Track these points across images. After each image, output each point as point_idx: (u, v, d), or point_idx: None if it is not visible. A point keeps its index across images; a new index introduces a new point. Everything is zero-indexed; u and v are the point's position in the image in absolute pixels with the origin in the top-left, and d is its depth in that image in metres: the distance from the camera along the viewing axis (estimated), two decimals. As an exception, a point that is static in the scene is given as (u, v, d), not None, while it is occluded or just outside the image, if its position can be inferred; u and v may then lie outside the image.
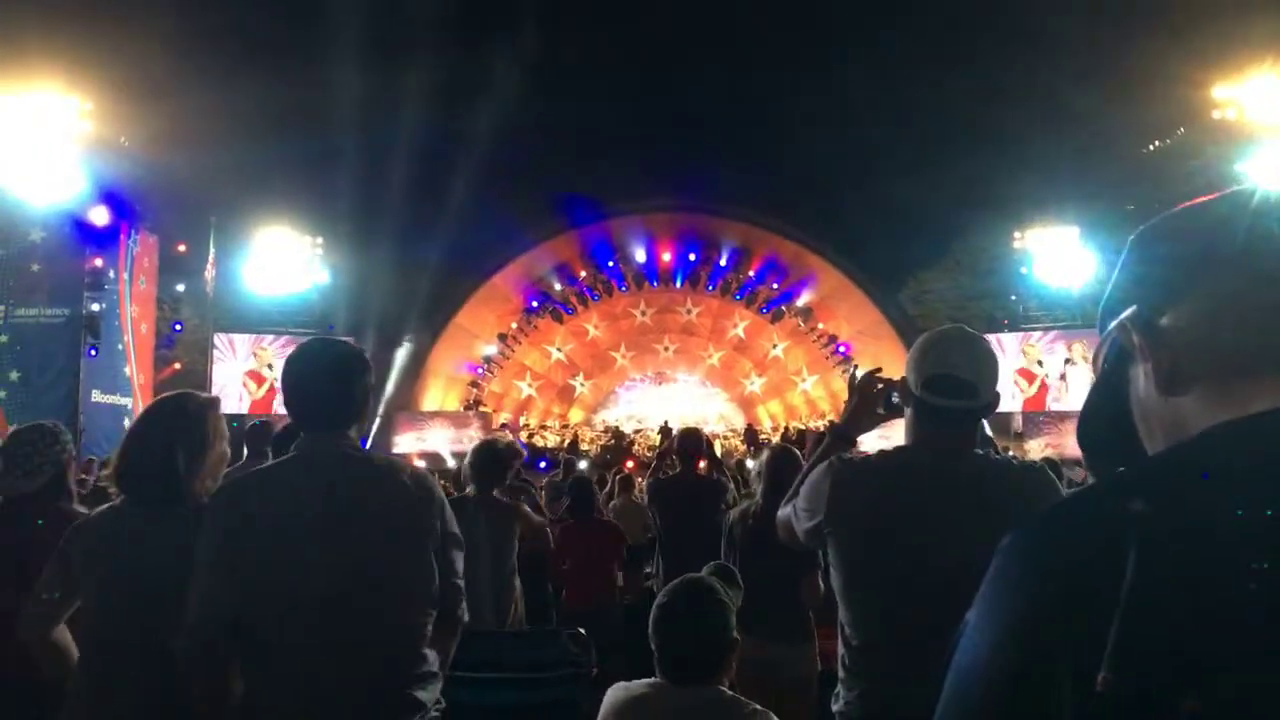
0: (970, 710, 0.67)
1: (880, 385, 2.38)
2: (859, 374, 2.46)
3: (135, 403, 14.19)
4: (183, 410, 2.53)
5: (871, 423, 2.40)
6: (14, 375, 12.96)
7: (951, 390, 2.12)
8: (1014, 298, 19.74)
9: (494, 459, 4.47)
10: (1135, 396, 0.83)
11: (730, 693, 2.15)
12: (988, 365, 2.18)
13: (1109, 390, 0.87)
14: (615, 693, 2.19)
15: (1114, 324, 0.84)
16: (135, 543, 2.37)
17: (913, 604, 2.00)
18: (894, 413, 2.34)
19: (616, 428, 22.86)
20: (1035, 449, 16.79)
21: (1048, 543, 0.71)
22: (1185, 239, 0.82)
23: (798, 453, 4.34)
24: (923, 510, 2.06)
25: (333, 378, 2.30)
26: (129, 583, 2.33)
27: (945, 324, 2.42)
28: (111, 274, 14.32)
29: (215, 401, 2.66)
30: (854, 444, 2.42)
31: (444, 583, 2.27)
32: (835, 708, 2.19)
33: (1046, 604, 0.65)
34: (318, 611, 2.07)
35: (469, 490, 4.47)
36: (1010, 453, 11.18)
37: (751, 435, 21.27)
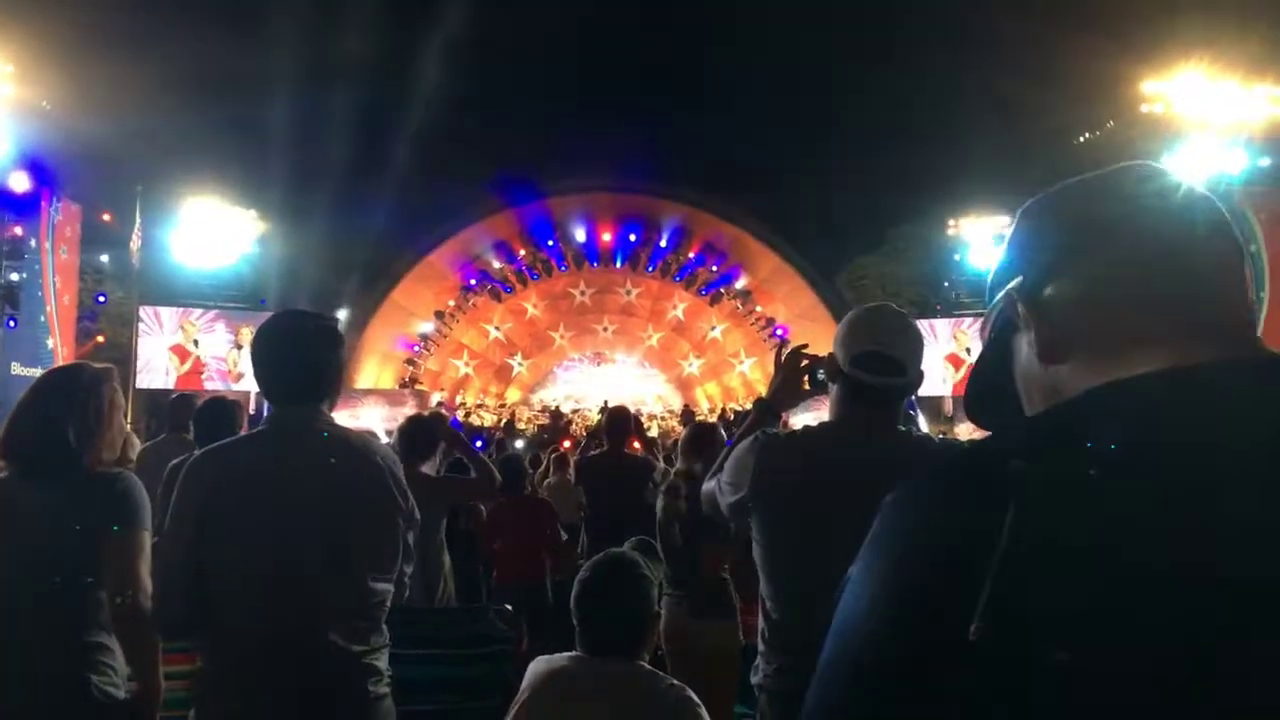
0: (849, 662, 0.69)
1: (806, 361, 2.41)
2: (786, 350, 2.48)
3: (56, 376, 13.73)
4: (75, 381, 2.48)
5: (797, 399, 2.43)
6: (-74, 346, 12.48)
7: (880, 367, 2.14)
8: (947, 284, 20.12)
9: (420, 433, 4.42)
10: (1018, 365, 0.86)
11: (649, 667, 2.17)
12: (915, 343, 2.21)
13: (995, 360, 0.90)
14: (537, 665, 2.21)
15: (1000, 295, 0.87)
16: (20, 512, 2.32)
17: (832, 580, 2.04)
18: (819, 389, 2.36)
19: (555, 408, 22.81)
20: (964, 432, 17.16)
21: (927, 498, 0.74)
22: (1071, 211, 0.84)
23: (719, 429, 4.38)
24: (844, 486, 2.08)
25: (304, 351, 2.30)
26: (15, 551, 2.29)
27: None
28: (32, 243, 13.80)
29: (110, 372, 2.60)
30: (780, 419, 2.45)
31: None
32: (754, 680, 2.23)
33: (925, 556, 0.67)
34: (280, 576, 2.12)
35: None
36: (941, 434, 11.41)
37: (689, 416, 21.33)
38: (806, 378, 2.39)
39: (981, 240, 19.10)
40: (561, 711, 2.10)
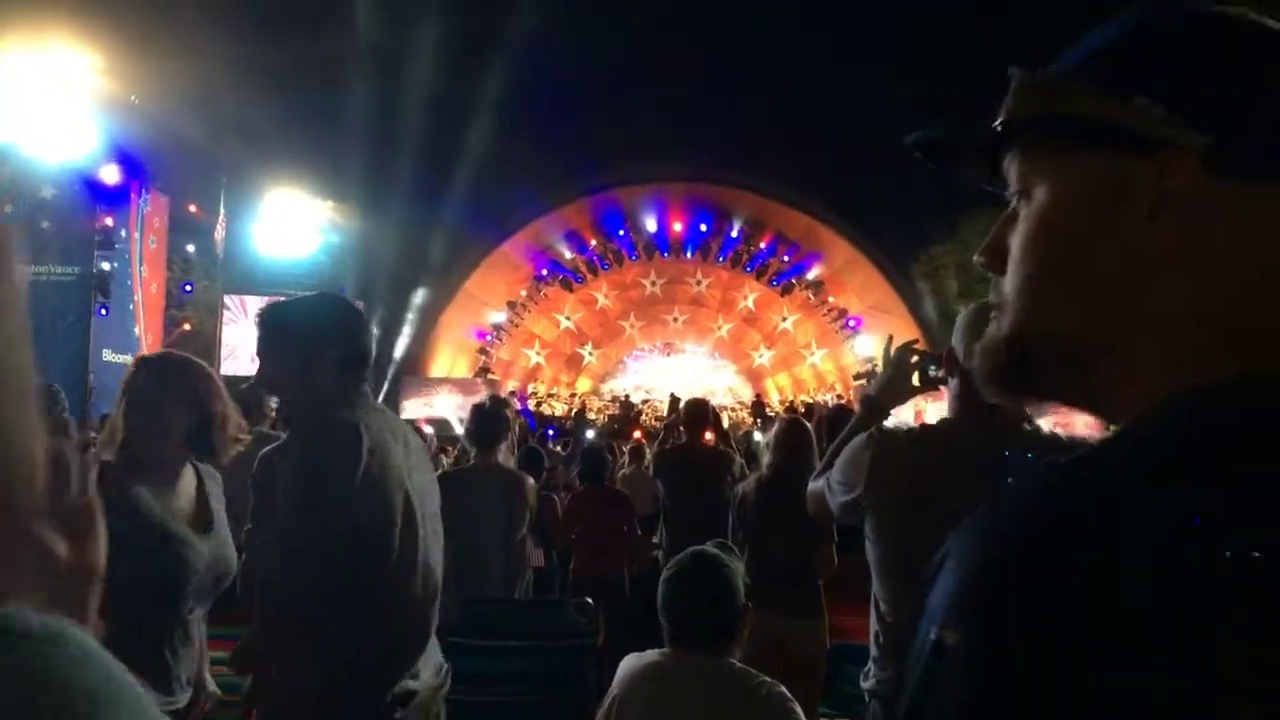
0: None
1: (917, 357, 2.31)
2: (894, 345, 2.39)
3: (144, 362, 14.19)
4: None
5: (906, 395, 2.34)
6: (24, 332, 12.97)
7: None
8: (1027, 275, 19.51)
9: (490, 417, 4.41)
10: (1077, 219, 0.62)
11: (740, 665, 2.12)
12: None
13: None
14: (628, 662, 2.18)
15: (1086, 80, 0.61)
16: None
17: None
18: (930, 386, 2.27)
19: (625, 397, 22.85)
20: (1043, 427, 16.72)
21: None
22: None
23: (808, 424, 4.30)
24: (971, 485, 1.98)
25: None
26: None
27: (956, 299, 2.34)
28: (123, 233, 14.26)
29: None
30: (887, 416, 2.36)
31: None
32: (865, 685, 2.15)
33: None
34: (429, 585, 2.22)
35: (473, 457, 4.43)
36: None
37: (759, 408, 21.22)
38: (917, 374, 2.30)
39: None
40: (655, 709, 2.06)
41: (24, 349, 0.56)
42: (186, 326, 17.33)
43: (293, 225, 18.20)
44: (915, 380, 2.30)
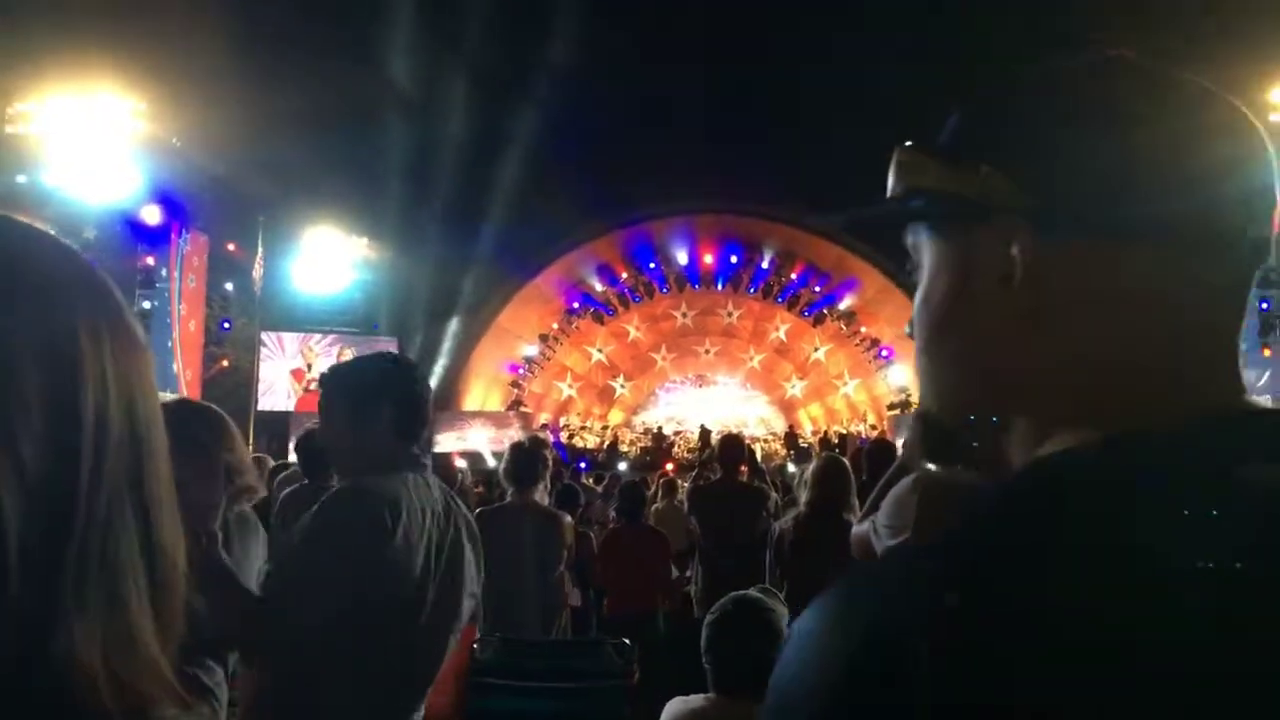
0: None
1: None
2: None
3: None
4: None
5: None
6: (67, 371, 13.21)
7: None
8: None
9: (528, 457, 4.42)
10: (937, 284, 0.64)
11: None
12: None
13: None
14: (674, 706, 2.17)
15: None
16: None
17: None
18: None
19: (657, 429, 22.82)
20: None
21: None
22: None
23: (846, 463, 4.27)
24: None
25: None
26: None
27: None
28: (163, 272, 14.57)
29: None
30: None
31: None
32: None
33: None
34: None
35: (509, 495, 4.43)
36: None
37: (792, 439, 21.11)
38: None
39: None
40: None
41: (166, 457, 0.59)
42: (225, 363, 17.59)
43: (329, 262, 18.51)
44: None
